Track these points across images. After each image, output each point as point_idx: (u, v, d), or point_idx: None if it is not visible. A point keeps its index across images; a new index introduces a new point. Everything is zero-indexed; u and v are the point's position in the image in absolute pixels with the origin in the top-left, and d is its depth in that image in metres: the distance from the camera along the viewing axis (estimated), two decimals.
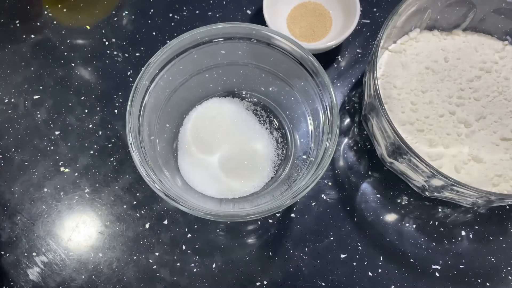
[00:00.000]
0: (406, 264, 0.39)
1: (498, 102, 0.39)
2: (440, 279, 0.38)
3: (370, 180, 0.42)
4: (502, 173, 0.37)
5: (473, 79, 0.39)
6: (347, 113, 0.44)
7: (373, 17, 0.47)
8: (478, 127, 0.38)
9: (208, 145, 0.39)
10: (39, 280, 0.39)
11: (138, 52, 0.46)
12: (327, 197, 0.41)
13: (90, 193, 0.41)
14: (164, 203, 0.41)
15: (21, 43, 0.47)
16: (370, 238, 0.40)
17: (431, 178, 0.34)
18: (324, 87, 0.33)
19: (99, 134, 0.43)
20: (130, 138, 0.31)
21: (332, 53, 0.46)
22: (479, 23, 0.42)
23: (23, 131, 0.43)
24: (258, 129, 0.41)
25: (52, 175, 0.42)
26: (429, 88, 0.39)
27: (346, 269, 0.39)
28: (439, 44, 0.42)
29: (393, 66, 0.40)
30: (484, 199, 0.33)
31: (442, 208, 0.41)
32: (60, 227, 0.40)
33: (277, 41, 0.35)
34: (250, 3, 0.48)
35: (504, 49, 0.41)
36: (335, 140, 0.32)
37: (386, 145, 0.37)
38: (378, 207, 0.41)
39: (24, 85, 0.45)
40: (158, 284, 0.38)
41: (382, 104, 0.34)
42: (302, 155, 0.39)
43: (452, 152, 0.37)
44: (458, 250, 0.39)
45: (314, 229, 0.40)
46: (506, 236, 0.40)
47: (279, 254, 0.39)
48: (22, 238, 0.40)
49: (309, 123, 0.38)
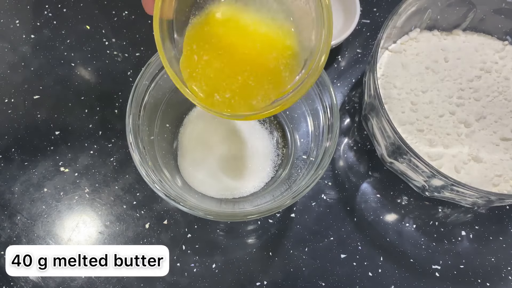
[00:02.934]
0: (406, 264, 0.39)
1: (498, 102, 0.39)
2: (440, 279, 0.38)
3: (370, 180, 0.42)
4: (502, 173, 0.37)
5: (473, 79, 0.39)
6: (347, 113, 0.44)
7: (373, 17, 0.47)
8: (478, 127, 0.38)
9: (208, 145, 0.39)
10: (39, 280, 0.39)
11: (138, 52, 0.46)
12: (327, 197, 0.41)
13: (90, 193, 0.41)
14: (164, 203, 0.40)
15: (21, 43, 0.47)
16: (370, 238, 0.40)
17: (431, 178, 0.34)
18: (324, 87, 0.33)
19: (99, 134, 0.43)
20: (130, 138, 0.31)
21: (332, 53, 0.46)
22: (479, 23, 0.42)
23: (23, 131, 0.43)
24: (258, 129, 0.41)
25: (52, 175, 0.42)
26: (429, 88, 0.39)
27: (346, 269, 0.39)
28: (439, 44, 0.42)
29: (393, 66, 0.40)
30: (484, 199, 0.33)
31: (442, 208, 0.41)
32: (60, 227, 0.40)
33: None
34: None
35: (504, 49, 0.41)
36: (335, 140, 0.31)
37: (386, 145, 0.37)
38: (378, 207, 0.41)
39: (24, 85, 0.45)
40: (158, 284, 0.38)
41: (382, 104, 0.34)
42: (302, 155, 0.39)
43: (452, 152, 0.37)
44: (458, 250, 0.39)
45: (314, 229, 0.40)
46: (506, 236, 0.40)
47: (279, 254, 0.39)
48: (22, 238, 0.40)
49: (309, 123, 0.38)
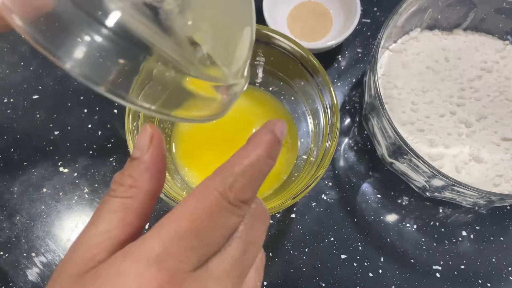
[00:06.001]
0: (406, 265, 0.39)
1: (499, 102, 0.39)
2: (441, 279, 0.38)
3: (370, 180, 0.42)
4: (503, 173, 0.36)
5: (474, 78, 0.39)
6: (347, 113, 0.44)
7: (373, 17, 0.47)
8: (479, 127, 0.38)
9: (208, 145, 0.39)
10: (38, 281, 0.39)
11: None
12: (328, 197, 0.41)
13: (90, 193, 0.41)
14: (164, 203, 0.40)
15: (20, 43, 0.47)
16: (371, 239, 0.39)
17: (432, 178, 0.34)
18: (324, 87, 0.33)
19: (99, 134, 0.43)
20: (129, 138, 0.31)
21: (332, 52, 0.46)
22: (479, 22, 0.42)
23: (22, 131, 0.43)
24: None
25: (51, 175, 0.42)
26: (430, 88, 0.39)
27: (347, 269, 0.39)
28: (439, 44, 0.41)
29: (394, 65, 0.40)
30: (484, 199, 0.33)
31: (443, 208, 0.41)
32: (60, 228, 0.40)
33: (277, 40, 0.34)
34: None
35: (505, 49, 0.41)
36: (335, 140, 0.31)
37: (387, 145, 0.37)
38: (378, 208, 0.41)
39: (23, 85, 0.45)
40: None
41: (382, 104, 0.34)
42: (302, 155, 0.38)
43: (453, 152, 0.37)
44: (459, 251, 0.39)
45: (315, 229, 0.40)
46: (507, 236, 0.40)
47: (279, 255, 0.39)
48: (21, 239, 0.40)
49: (309, 123, 0.38)
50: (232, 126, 0.39)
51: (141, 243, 0.16)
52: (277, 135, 0.19)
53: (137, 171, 0.19)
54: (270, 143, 0.18)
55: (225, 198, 0.17)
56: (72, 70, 0.16)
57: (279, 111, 0.40)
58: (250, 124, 0.39)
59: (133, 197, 0.18)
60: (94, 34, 0.16)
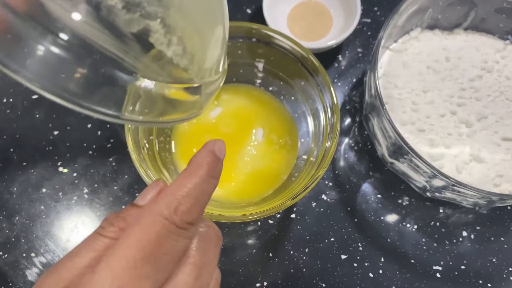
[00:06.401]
0: (407, 265, 0.39)
1: (499, 102, 0.39)
2: (442, 280, 0.38)
3: (371, 181, 0.41)
4: (504, 173, 0.36)
5: (474, 78, 0.39)
6: (347, 113, 0.44)
7: (374, 16, 0.47)
8: (480, 127, 0.38)
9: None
10: None
11: None
12: (328, 197, 0.41)
13: (89, 193, 0.41)
14: None
15: None
16: (371, 239, 0.39)
17: (432, 179, 0.34)
18: (324, 87, 0.33)
19: (98, 134, 0.43)
20: (129, 138, 0.31)
21: (332, 52, 0.45)
22: (480, 22, 0.42)
23: (21, 131, 0.43)
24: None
25: (51, 175, 0.42)
26: (430, 88, 0.39)
27: (347, 270, 0.38)
28: (440, 44, 0.41)
29: (394, 65, 0.40)
30: (485, 200, 0.33)
31: (443, 208, 0.41)
32: (59, 228, 0.40)
33: (277, 40, 0.34)
34: (250, 2, 0.48)
35: (505, 49, 0.41)
36: (335, 140, 0.31)
37: (387, 145, 0.37)
38: (379, 208, 0.40)
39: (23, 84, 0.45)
40: None
41: (383, 104, 0.33)
42: (302, 155, 0.38)
43: (454, 152, 0.37)
44: (460, 251, 0.39)
45: (315, 229, 0.40)
46: (507, 236, 0.40)
47: (279, 255, 0.39)
48: (21, 239, 0.40)
49: (309, 123, 0.38)
50: (232, 126, 0.39)
51: (90, 278, 0.16)
52: (217, 155, 0.19)
53: (132, 218, 0.18)
54: (211, 163, 0.19)
55: (171, 222, 0.17)
56: (29, 82, 0.16)
57: (279, 111, 0.40)
58: (250, 124, 0.39)
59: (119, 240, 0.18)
60: (48, 45, 0.16)
